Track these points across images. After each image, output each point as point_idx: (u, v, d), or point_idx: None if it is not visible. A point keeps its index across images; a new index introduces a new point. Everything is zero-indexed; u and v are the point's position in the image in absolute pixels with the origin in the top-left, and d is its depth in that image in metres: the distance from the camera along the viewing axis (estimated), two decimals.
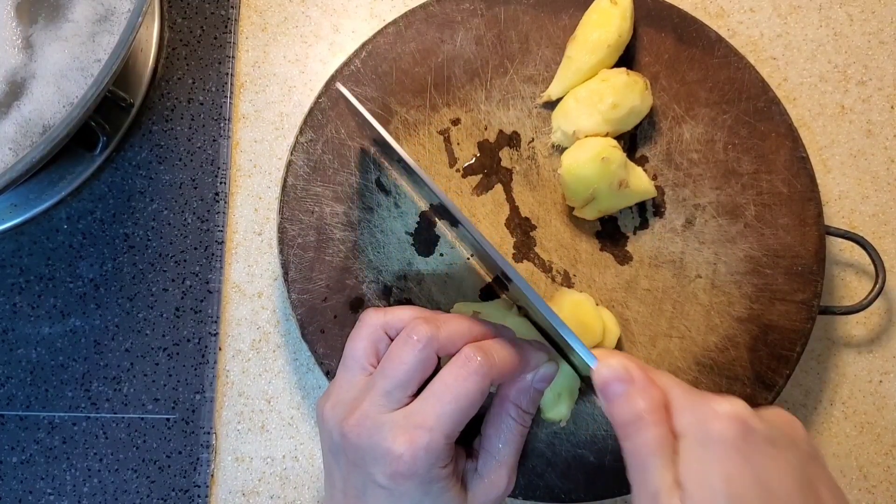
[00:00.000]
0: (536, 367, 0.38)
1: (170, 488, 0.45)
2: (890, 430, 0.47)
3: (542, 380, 0.38)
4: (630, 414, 0.32)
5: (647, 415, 0.31)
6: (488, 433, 0.38)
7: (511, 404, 0.38)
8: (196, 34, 0.51)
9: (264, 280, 0.48)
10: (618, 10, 0.44)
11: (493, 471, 0.38)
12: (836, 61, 0.51)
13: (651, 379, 0.33)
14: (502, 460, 0.38)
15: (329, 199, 0.44)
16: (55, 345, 0.46)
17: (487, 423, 0.39)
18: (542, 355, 0.38)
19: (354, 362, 0.37)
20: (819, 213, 0.44)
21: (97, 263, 0.47)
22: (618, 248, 0.45)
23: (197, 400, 0.46)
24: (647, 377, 0.33)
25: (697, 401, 0.31)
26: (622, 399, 0.32)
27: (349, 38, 0.51)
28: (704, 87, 0.46)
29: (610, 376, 0.33)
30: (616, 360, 0.33)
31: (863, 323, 0.48)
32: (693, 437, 0.30)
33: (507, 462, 0.38)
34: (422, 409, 0.34)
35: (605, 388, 0.33)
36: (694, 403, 0.31)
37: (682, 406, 0.31)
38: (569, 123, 0.44)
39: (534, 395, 0.38)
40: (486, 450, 0.38)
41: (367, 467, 0.35)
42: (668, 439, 0.31)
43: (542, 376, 0.38)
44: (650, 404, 0.31)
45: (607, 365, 0.33)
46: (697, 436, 0.30)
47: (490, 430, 0.38)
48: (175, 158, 0.49)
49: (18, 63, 0.42)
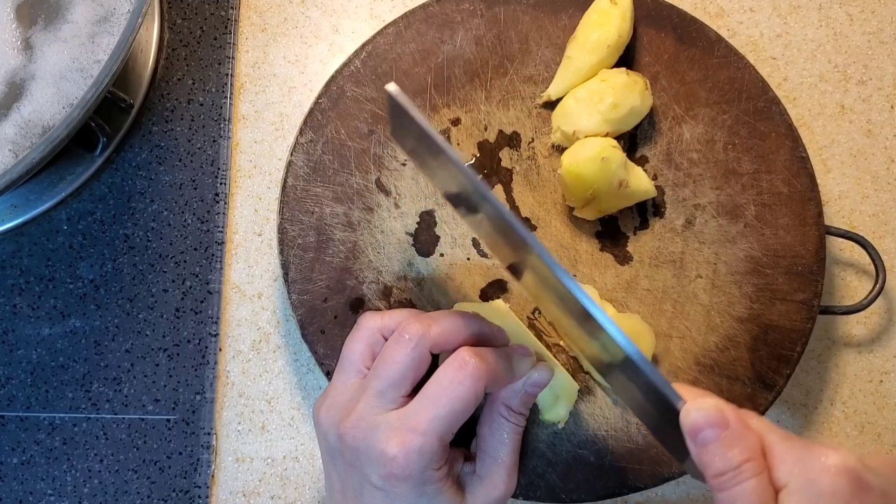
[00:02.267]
0: (528, 373, 0.38)
1: (170, 489, 0.45)
2: (890, 430, 0.47)
3: (534, 385, 0.38)
4: (726, 464, 0.29)
5: (746, 465, 0.28)
6: (483, 433, 0.39)
7: (501, 405, 0.38)
8: (196, 35, 0.51)
9: (264, 281, 0.48)
10: (618, 10, 0.44)
11: (491, 471, 0.38)
12: (836, 61, 0.51)
13: (747, 423, 0.30)
14: (499, 460, 0.38)
15: (329, 200, 0.44)
16: (55, 346, 0.46)
17: (482, 423, 0.39)
18: (534, 360, 0.38)
19: (350, 365, 0.38)
20: (819, 213, 0.44)
21: (97, 264, 0.47)
22: (618, 248, 0.45)
23: (197, 400, 0.46)
24: (744, 421, 0.30)
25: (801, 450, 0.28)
26: (717, 446, 0.29)
27: (349, 38, 0.51)
28: (704, 86, 0.45)
29: (702, 421, 0.29)
30: (709, 402, 0.30)
31: (863, 323, 0.48)
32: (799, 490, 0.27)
33: (504, 462, 0.38)
34: (416, 411, 0.34)
35: (695, 433, 0.29)
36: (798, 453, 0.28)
37: (783, 455, 0.29)
38: (569, 123, 0.44)
39: (524, 397, 0.38)
40: (483, 450, 0.38)
41: (362, 468, 0.35)
42: (769, 492, 0.28)
43: (535, 381, 0.38)
44: (749, 453, 0.29)
45: (699, 407, 0.29)
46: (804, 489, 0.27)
47: (484, 430, 0.39)
48: (175, 159, 0.49)
49: (18, 64, 0.42)
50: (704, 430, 0.29)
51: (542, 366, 0.38)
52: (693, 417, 0.29)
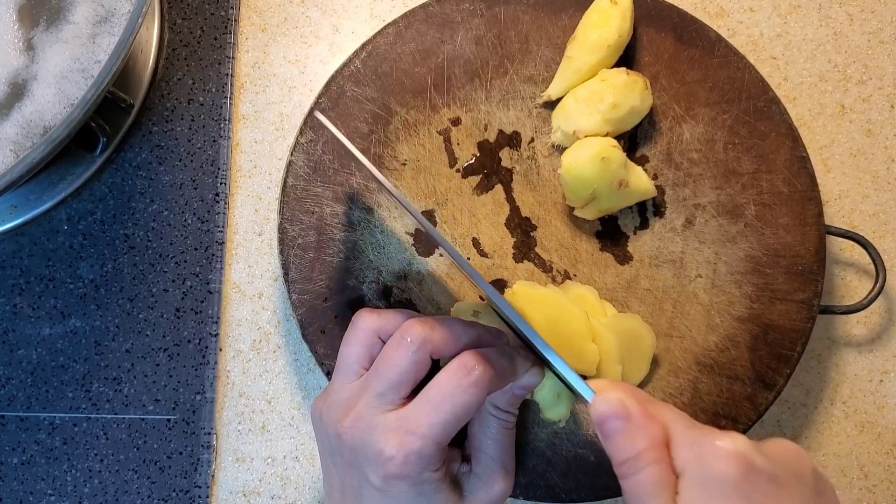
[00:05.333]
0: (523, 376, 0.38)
1: (170, 489, 0.45)
2: (890, 430, 0.47)
3: (522, 388, 0.38)
4: (628, 451, 0.30)
5: (646, 453, 0.30)
6: (473, 431, 0.39)
7: (489, 403, 0.38)
8: (196, 35, 0.51)
9: (265, 280, 0.48)
10: (618, 10, 0.44)
11: (486, 468, 0.38)
12: (836, 61, 0.51)
13: (650, 413, 0.31)
14: (494, 457, 0.38)
15: (329, 200, 0.44)
16: (56, 346, 0.47)
17: (472, 422, 0.39)
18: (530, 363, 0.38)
19: (347, 367, 0.38)
20: (819, 213, 0.44)
21: (97, 264, 0.47)
22: (618, 247, 0.45)
23: (197, 400, 0.46)
24: (646, 412, 0.31)
25: (698, 437, 0.30)
26: (620, 436, 0.31)
27: (349, 38, 0.51)
28: (704, 86, 0.46)
29: (607, 412, 0.31)
30: (613, 394, 0.31)
31: (863, 322, 0.48)
32: (693, 475, 0.29)
33: (498, 459, 0.38)
34: (415, 414, 0.34)
35: (601, 423, 0.31)
36: (694, 440, 0.30)
37: (682, 442, 0.30)
38: (569, 123, 0.44)
39: (511, 398, 0.38)
40: (476, 448, 0.38)
41: (361, 468, 0.35)
42: (668, 478, 0.29)
43: (523, 385, 0.38)
44: (649, 442, 0.30)
45: (604, 399, 0.31)
46: (698, 475, 0.29)
47: (475, 429, 0.39)
48: (175, 159, 0.49)
49: (20, 65, 0.42)
50: (609, 420, 0.31)
51: (534, 370, 0.38)
52: (599, 409, 0.31)
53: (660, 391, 0.43)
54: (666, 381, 0.43)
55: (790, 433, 0.47)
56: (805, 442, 0.47)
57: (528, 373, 0.38)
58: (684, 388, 0.43)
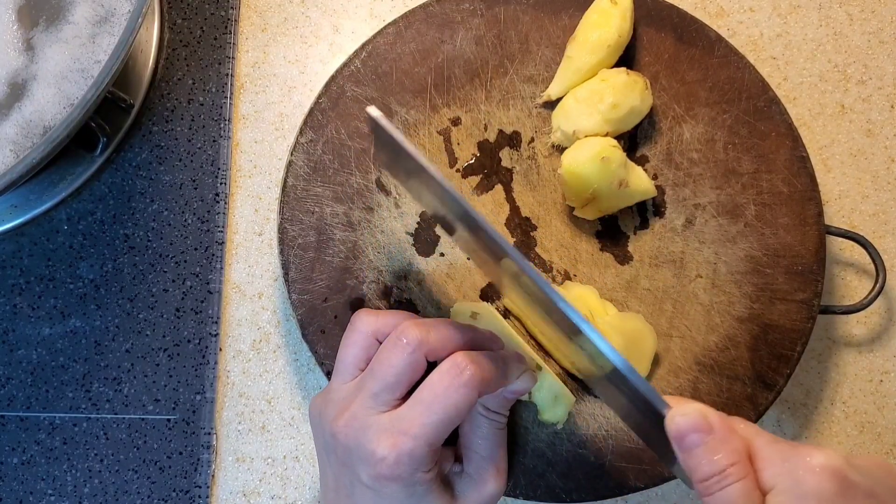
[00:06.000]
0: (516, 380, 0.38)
1: (170, 489, 0.45)
2: (890, 430, 0.47)
3: (513, 392, 0.38)
4: (713, 467, 0.29)
5: (732, 468, 0.28)
6: (464, 430, 0.39)
7: (479, 404, 0.38)
8: (196, 35, 0.51)
9: (265, 280, 0.48)
10: (618, 10, 0.44)
11: (478, 468, 0.38)
12: (836, 61, 0.51)
13: (732, 427, 0.30)
14: (485, 456, 0.38)
15: (329, 200, 0.44)
16: (55, 346, 0.47)
17: (463, 422, 0.39)
18: (523, 368, 0.38)
19: (345, 368, 0.38)
20: (819, 213, 0.44)
21: (97, 264, 0.47)
22: (618, 247, 0.45)
23: (197, 400, 0.46)
24: (728, 425, 0.30)
25: (787, 451, 0.29)
26: (702, 451, 0.29)
27: (349, 38, 0.51)
28: (704, 86, 0.46)
29: (687, 426, 0.29)
30: (692, 408, 0.30)
31: (863, 322, 0.48)
32: (786, 491, 0.28)
33: (490, 458, 0.38)
34: (408, 415, 0.34)
35: (681, 438, 0.30)
36: (783, 454, 0.28)
37: (770, 457, 0.29)
38: (569, 123, 0.44)
39: (502, 401, 0.38)
40: (467, 447, 0.39)
41: (354, 467, 0.35)
42: (755, 495, 0.28)
43: (514, 389, 0.38)
44: (736, 456, 0.29)
45: (683, 413, 0.30)
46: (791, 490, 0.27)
47: (466, 428, 0.39)
48: (175, 159, 0.49)
49: (20, 65, 0.42)
50: (689, 434, 0.29)
51: (526, 375, 0.38)
52: (678, 423, 0.30)
53: (659, 391, 0.43)
54: (666, 381, 0.43)
55: (790, 433, 0.47)
56: (805, 442, 0.47)
57: (521, 377, 0.38)
58: (684, 388, 0.43)
